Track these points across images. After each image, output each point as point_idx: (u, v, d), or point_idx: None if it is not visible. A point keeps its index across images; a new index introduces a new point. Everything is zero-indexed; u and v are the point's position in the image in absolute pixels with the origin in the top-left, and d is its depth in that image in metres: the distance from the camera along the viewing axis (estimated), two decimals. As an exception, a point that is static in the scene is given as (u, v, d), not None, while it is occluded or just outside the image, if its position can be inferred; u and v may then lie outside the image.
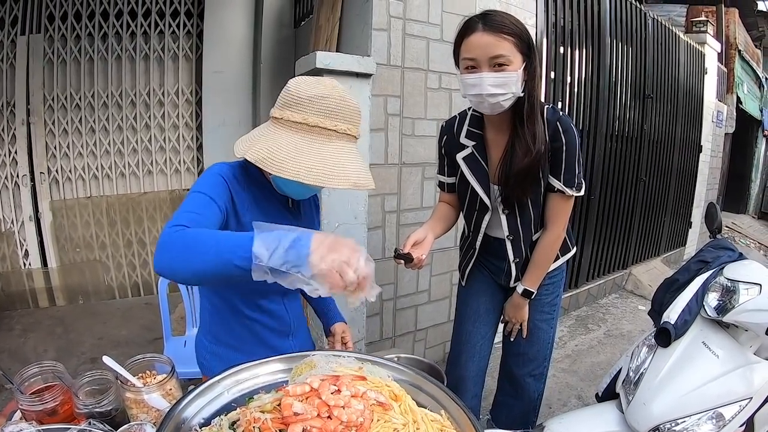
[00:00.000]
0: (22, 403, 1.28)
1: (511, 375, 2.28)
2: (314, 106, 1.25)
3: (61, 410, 1.30)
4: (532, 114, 1.74)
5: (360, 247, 1.02)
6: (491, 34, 1.60)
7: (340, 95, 1.27)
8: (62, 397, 1.31)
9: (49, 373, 1.37)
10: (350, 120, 1.29)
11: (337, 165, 1.23)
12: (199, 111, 4.96)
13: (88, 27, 4.47)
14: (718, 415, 1.78)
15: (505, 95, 1.66)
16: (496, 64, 1.62)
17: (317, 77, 1.32)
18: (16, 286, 4.65)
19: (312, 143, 1.24)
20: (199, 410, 1.07)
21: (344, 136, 1.28)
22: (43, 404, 1.27)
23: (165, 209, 5.00)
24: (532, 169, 1.78)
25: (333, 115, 1.25)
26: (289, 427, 0.90)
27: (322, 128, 1.25)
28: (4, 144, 4.44)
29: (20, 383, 1.32)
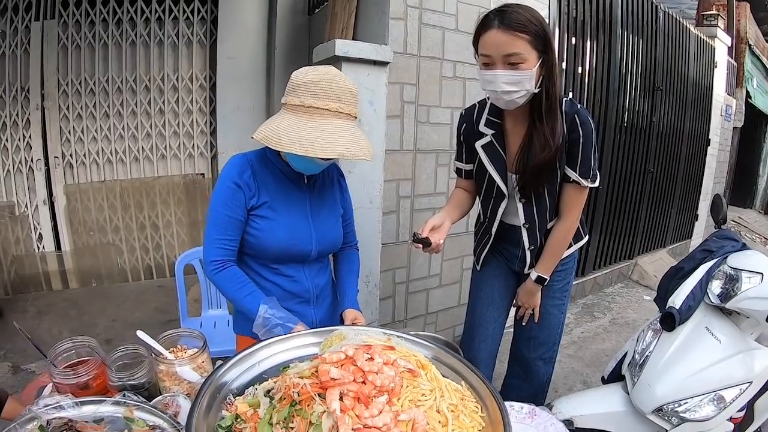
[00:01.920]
0: (56, 377, 1.31)
1: (521, 358, 2.32)
2: (309, 89, 1.46)
3: (94, 384, 1.34)
4: (550, 110, 1.76)
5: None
6: (506, 32, 1.61)
7: (332, 79, 1.47)
8: (95, 371, 1.35)
9: (83, 347, 1.42)
10: (341, 99, 1.47)
11: (328, 138, 1.42)
12: (213, 96, 4.99)
13: (102, 12, 4.50)
14: (719, 397, 1.85)
15: (518, 92, 1.68)
16: (511, 62, 1.64)
17: (315, 66, 1.53)
18: (30, 269, 4.71)
19: (308, 122, 1.44)
20: (235, 378, 1.15)
21: (338, 114, 1.47)
22: (77, 378, 1.31)
23: (178, 193, 5.05)
24: (550, 162, 1.81)
25: (325, 96, 1.45)
26: (327, 391, 0.96)
27: (316, 108, 1.45)
28: (19, 129, 4.48)
29: (54, 357, 1.36)
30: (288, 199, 1.66)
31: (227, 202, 1.57)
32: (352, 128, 1.50)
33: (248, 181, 1.58)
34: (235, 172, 1.58)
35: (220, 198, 1.58)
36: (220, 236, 1.58)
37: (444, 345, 1.32)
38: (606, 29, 4.66)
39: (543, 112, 1.76)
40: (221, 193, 1.58)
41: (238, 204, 1.57)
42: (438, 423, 0.99)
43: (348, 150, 1.43)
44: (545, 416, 1.34)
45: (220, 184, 1.59)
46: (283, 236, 1.62)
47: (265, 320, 1.45)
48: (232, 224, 1.58)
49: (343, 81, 1.49)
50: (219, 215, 1.58)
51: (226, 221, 1.58)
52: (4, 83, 4.35)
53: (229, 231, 1.59)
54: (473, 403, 1.11)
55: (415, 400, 1.01)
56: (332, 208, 1.81)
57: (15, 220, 4.61)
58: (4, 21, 4.28)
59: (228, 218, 1.57)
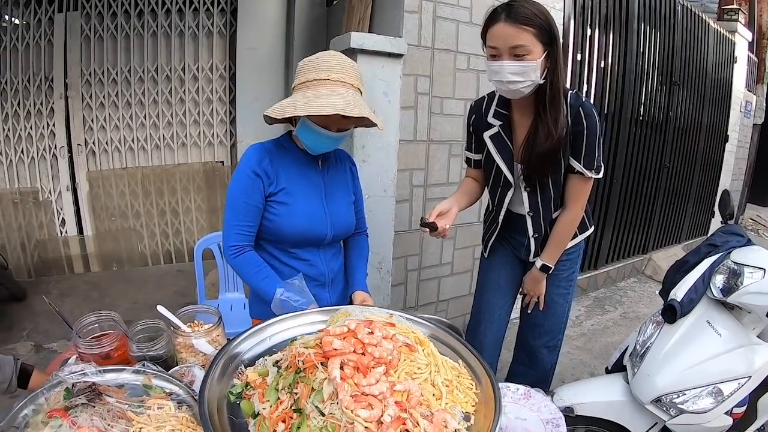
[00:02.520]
0: (81, 347, 1.41)
1: (527, 345, 2.38)
2: (310, 66, 1.58)
3: (116, 354, 1.44)
4: (554, 101, 1.81)
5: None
6: (512, 25, 1.68)
7: (331, 55, 1.60)
8: (117, 342, 1.45)
9: (106, 321, 1.52)
10: (341, 70, 1.57)
11: (328, 99, 1.50)
12: (232, 86, 5.07)
13: (123, 4, 4.59)
14: (718, 390, 1.87)
15: (524, 83, 1.74)
16: (516, 54, 1.71)
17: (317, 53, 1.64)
18: (53, 253, 4.85)
19: (312, 91, 1.54)
20: (247, 350, 1.25)
21: (340, 83, 1.55)
22: (100, 348, 1.41)
23: (198, 180, 5.16)
24: (553, 152, 1.86)
25: (324, 68, 1.56)
26: (329, 360, 1.04)
27: (317, 79, 1.55)
28: (43, 117, 4.60)
29: (79, 330, 1.47)
30: (304, 185, 1.74)
31: (246, 189, 1.65)
32: (355, 95, 1.58)
33: (266, 169, 1.66)
34: (254, 161, 1.66)
35: (238, 186, 1.66)
36: (239, 222, 1.66)
37: (447, 327, 1.39)
38: (622, 22, 4.66)
39: (547, 102, 1.82)
40: (240, 181, 1.66)
41: (257, 191, 1.65)
42: (432, 396, 1.06)
43: (348, 108, 1.49)
44: (540, 398, 1.40)
45: (238, 172, 1.67)
46: (300, 221, 1.70)
47: (281, 302, 1.53)
48: (251, 211, 1.66)
49: (342, 57, 1.60)
50: (238, 202, 1.65)
51: (245, 208, 1.66)
52: (29, 73, 4.47)
53: (248, 217, 1.67)
54: (469, 380, 1.18)
55: (411, 373, 1.08)
56: (345, 194, 1.89)
57: (39, 206, 4.74)
58: (28, 13, 4.40)
59: (246, 205, 1.65)
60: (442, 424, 0.99)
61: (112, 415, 0.97)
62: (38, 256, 4.81)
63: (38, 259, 4.81)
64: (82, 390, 1.02)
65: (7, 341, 3.64)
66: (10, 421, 1.02)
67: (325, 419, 0.95)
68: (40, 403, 1.05)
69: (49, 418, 0.98)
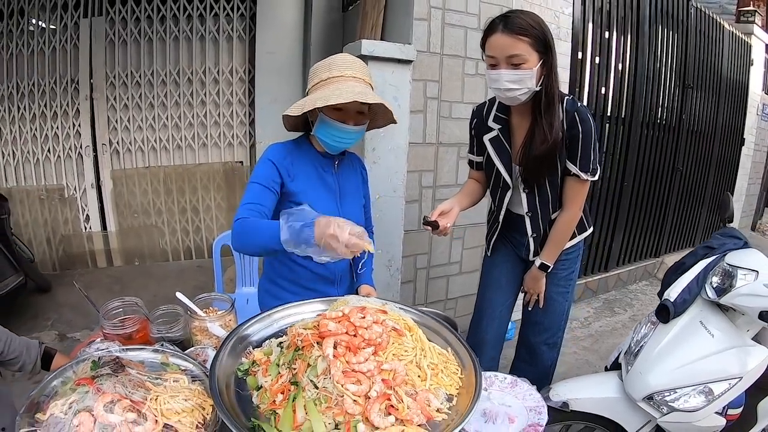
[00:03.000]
0: (106, 328, 1.57)
1: (527, 342, 2.47)
2: (323, 67, 1.70)
3: (137, 336, 1.59)
4: (549, 106, 1.91)
5: (344, 222, 1.33)
6: (508, 35, 1.79)
7: (343, 56, 1.72)
8: (139, 325, 1.60)
9: (129, 306, 1.67)
10: (354, 68, 1.69)
11: (346, 89, 1.62)
12: (251, 89, 5.25)
13: (146, 10, 4.79)
14: (708, 390, 1.90)
15: (520, 90, 1.85)
16: (513, 63, 1.81)
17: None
18: (77, 248, 5.07)
19: (328, 86, 1.65)
20: (256, 333, 1.39)
21: (354, 78, 1.68)
22: (123, 329, 1.57)
23: (218, 180, 5.34)
24: (549, 154, 1.96)
25: (337, 67, 1.68)
26: (323, 340, 1.17)
27: (332, 77, 1.67)
28: (69, 118, 4.82)
29: (105, 312, 1.62)
30: (321, 189, 1.85)
31: (264, 175, 1.73)
32: (368, 89, 1.71)
33: (288, 166, 1.76)
34: (277, 155, 1.77)
35: (258, 173, 1.74)
36: (251, 201, 1.68)
37: (443, 319, 1.50)
38: (634, 24, 4.71)
39: (543, 108, 1.91)
40: (260, 168, 1.75)
41: (273, 179, 1.73)
42: (417, 377, 1.18)
43: (366, 97, 1.62)
44: (525, 387, 1.49)
45: (260, 162, 1.77)
46: None
47: (290, 231, 1.36)
48: (264, 193, 1.71)
49: (350, 56, 1.72)
50: (254, 187, 1.71)
51: (260, 190, 1.71)
52: (55, 75, 4.70)
53: (261, 198, 1.70)
54: (455, 366, 1.29)
55: (398, 355, 1.20)
56: (357, 196, 2.02)
57: (64, 202, 4.96)
58: (54, 18, 4.62)
59: (261, 188, 1.71)
60: (425, 402, 1.11)
61: (133, 384, 1.11)
62: (63, 251, 5.03)
63: (63, 253, 5.04)
64: (107, 362, 1.16)
65: (33, 330, 3.83)
66: (40, 391, 1.16)
67: (319, 392, 1.08)
68: (69, 376, 1.19)
69: (77, 386, 1.12)
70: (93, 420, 1.03)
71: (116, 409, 1.05)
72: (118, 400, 1.07)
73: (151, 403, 1.08)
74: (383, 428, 1.03)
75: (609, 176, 4.92)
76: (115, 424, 1.03)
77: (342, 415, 1.04)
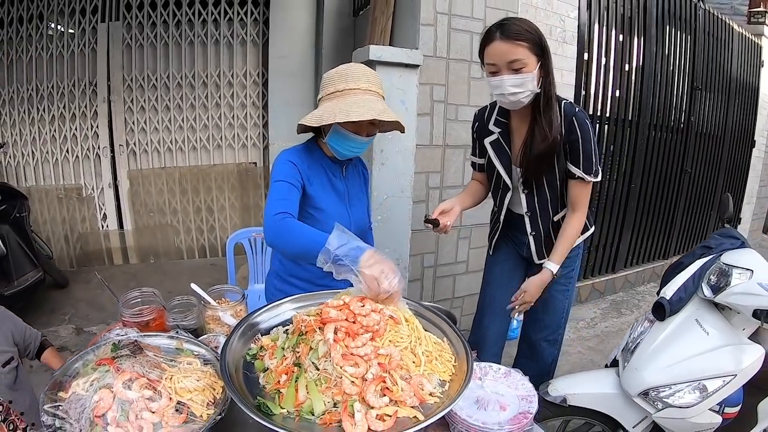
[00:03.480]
0: (125, 315, 1.70)
1: (528, 339, 2.53)
2: (338, 78, 1.75)
3: (154, 324, 1.72)
4: (548, 106, 1.97)
5: (397, 268, 1.38)
6: (507, 41, 1.85)
7: (357, 67, 1.78)
8: (156, 314, 1.73)
9: (147, 295, 1.80)
10: (367, 80, 1.76)
11: (363, 107, 1.68)
12: (265, 91, 5.37)
13: (162, 15, 4.93)
14: (702, 386, 1.94)
15: (523, 93, 1.91)
16: (514, 67, 1.88)
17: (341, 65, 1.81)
18: (94, 245, 5.23)
19: (344, 99, 1.71)
20: (264, 321, 1.49)
21: (368, 92, 1.74)
22: (141, 317, 1.69)
23: (232, 180, 5.47)
24: (549, 153, 2.02)
25: (353, 79, 1.74)
26: (325, 326, 1.27)
27: (348, 89, 1.72)
28: (87, 119, 4.98)
29: (124, 302, 1.74)
30: (332, 191, 1.94)
31: (288, 173, 1.78)
32: (383, 103, 1.79)
33: (304, 169, 1.84)
34: (294, 157, 1.84)
35: (282, 172, 1.78)
36: (282, 197, 1.70)
37: (444, 314, 1.58)
38: (641, 26, 4.76)
39: (542, 108, 1.98)
40: (282, 167, 1.80)
41: (296, 176, 1.80)
42: (412, 363, 1.26)
43: (382, 114, 1.70)
44: (518, 377, 1.56)
45: (279, 162, 1.82)
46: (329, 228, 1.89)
47: (339, 240, 1.41)
48: (292, 190, 1.76)
49: (364, 68, 1.79)
50: (281, 185, 1.74)
51: (287, 187, 1.74)
52: (74, 78, 4.86)
53: (290, 195, 1.74)
54: (449, 354, 1.37)
55: (394, 341, 1.28)
56: (362, 197, 2.11)
57: (82, 201, 5.13)
58: (73, 22, 4.78)
59: (289, 185, 1.75)
60: (419, 386, 1.20)
61: (150, 365, 1.21)
62: (80, 248, 5.20)
63: (80, 251, 5.20)
64: (126, 345, 1.26)
65: (50, 324, 3.97)
66: (63, 371, 1.27)
67: (320, 373, 1.18)
68: (90, 359, 1.30)
69: (98, 366, 1.22)
70: (112, 396, 1.14)
71: (134, 387, 1.16)
72: (136, 379, 1.17)
73: (166, 381, 1.19)
74: (378, 408, 1.12)
75: (616, 178, 4.98)
76: (133, 399, 1.13)
77: (340, 394, 1.14)
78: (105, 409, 1.12)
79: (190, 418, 1.16)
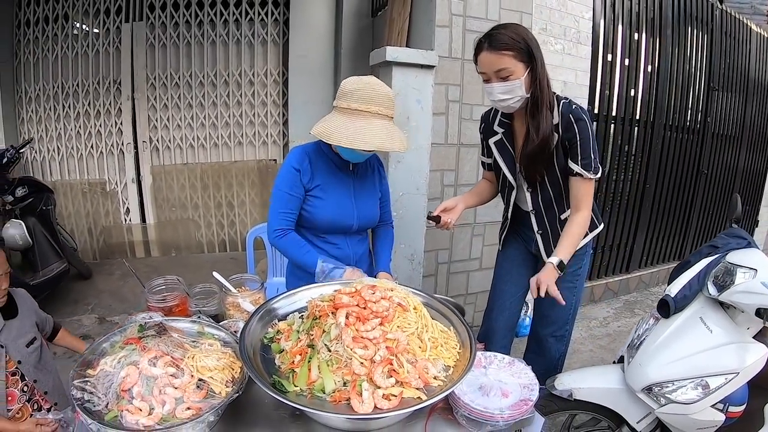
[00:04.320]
0: (151, 300, 1.81)
1: (536, 335, 2.58)
2: (354, 96, 1.83)
3: (177, 310, 1.83)
4: (534, 110, 2.03)
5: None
6: (493, 52, 1.93)
7: (372, 87, 1.84)
8: (179, 300, 1.83)
9: (171, 282, 1.92)
10: (380, 103, 1.83)
11: (368, 134, 1.78)
12: (285, 90, 5.46)
13: (185, 15, 5.06)
14: (705, 383, 1.96)
15: (512, 99, 1.99)
16: (501, 76, 1.95)
17: (360, 76, 1.90)
18: (117, 239, 5.38)
19: (354, 121, 1.81)
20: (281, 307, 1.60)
21: (377, 115, 1.83)
22: (165, 303, 1.80)
23: (252, 176, 5.59)
24: (540, 153, 2.08)
25: (367, 101, 1.81)
26: (337, 311, 1.36)
27: (360, 110, 1.81)
28: (111, 116, 5.13)
29: (150, 288, 1.86)
30: (337, 184, 2.05)
31: (288, 182, 1.97)
32: (389, 126, 1.86)
33: (306, 168, 1.98)
34: (296, 161, 1.99)
35: (283, 180, 1.98)
36: (282, 210, 1.98)
37: (452, 305, 1.66)
38: (657, 27, 4.77)
39: (528, 112, 2.05)
40: (284, 176, 1.99)
41: (297, 184, 1.97)
42: (418, 347, 1.35)
43: (384, 144, 1.80)
44: (522, 366, 1.60)
45: (283, 169, 2.00)
46: (331, 212, 2.02)
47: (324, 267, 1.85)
48: (292, 200, 1.98)
49: (381, 88, 1.86)
50: (282, 194, 1.97)
51: (287, 198, 1.97)
52: (98, 77, 5.02)
53: (290, 206, 1.98)
54: (454, 342, 1.46)
55: (402, 327, 1.37)
56: (371, 191, 2.19)
57: (106, 195, 5.28)
58: (98, 22, 4.94)
59: (289, 196, 1.97)
60: (424, 370, 1.29)
61: (173, 344, 1.31)
62: (104, 241, 5.36)
63: (103, 244, 5.36)
64: (151, 326, 1.36)
65: (74, 313, 4.13)
66: (91, 351, 1.37)
67: (331, 354, 1.28)
68: (116, 340, 1.40)
69: (125, 345, 1.32)
70: (138, 372, 1.23)
71: (159, 364, 1.26)
72: (161, 357, 1.27)
73: (188, 360, 1.28)
74: (384, 388, 1.21)
75: (631, 178, 5.00)
76: (157, 376, 1.23)
77: (350, 374, 1.24)
78: (131, 384, 1.21)
79: (210, 394, 1.24)
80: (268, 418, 1.32)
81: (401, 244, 3.22)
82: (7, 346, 1.81)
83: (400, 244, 3.19)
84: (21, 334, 1.88)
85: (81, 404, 1.17)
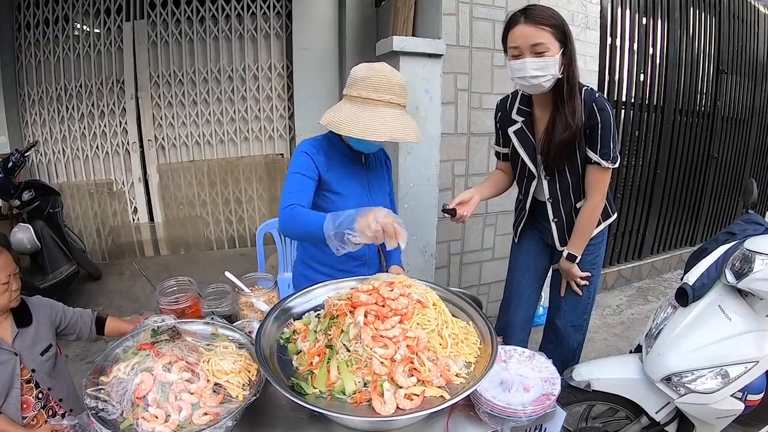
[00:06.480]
0: (162, 303, 1.78)
1: (553, 325, 2.54)
2: (365, 84, 1.76)
3: (189, 311, 1.80)
4: (571, 93, 1.99)
5: (382, 209, 1.46)
6: (531, 25, 1.88)
7: (384, 75, 1.77)
8: (191, 302, 1.79)
9: (183, 283, 1.89)
10: (392, 92, 1.77)
11: (380, 124, 1.72)
12: (290, 84, 5.43)
13: (186, 11, 5.02)
14: (725, 372, 1.93)
15: (545, 77, 1.93)
16: (537, 51, 1.90)
17: (371, 63, 1.82)
18: (126, 238, 5.37)
19: (364, 111, 1.75)
20: (296, 306, 1.57)
21: (389, 104, 1.76)
22: (177, 304, 1.77)
23: (259, 172, 5.56)
24: (571, 141, 2.04)
25: (379, 89, 1.75)
26: (356, 309, 1.33)
27: (371, 99, 1.75)
28: (116, 116, 5.12)
29: (161, 290, 1.82)
30: (351, 177, 1.99)
31: (301, 166, 1.86)
32: (401, 115, 1.80)
33: (321, 160, 1.90)
34: (311, 149, 1.90)
35: (295, 165, 1.87)
36: (295, 189, 1.80)
37: (470, 298, 1.62)
38: (665, 10, 4.71)
39: (565, 95, 2.00)
40: (296, 161, 1.89)
41: (311, 167, 1.86)
42: (439, 345, 1.31)
43: (396, 134, 1.74)
44: (542, 360, 1.58)
45: (296, 155, 1.91)
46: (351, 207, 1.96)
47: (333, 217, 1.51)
48: (305, 181, 1.84)
49: (393, 76, 1.80)
50: (294, 177, 1.84)
51: (300, 179, 1.83)
52: (101, 77, 5.00)
53: (303, 186, 1.82)
54: (475, 338, 1.42)
55: (421, 324, 1.33)
56: (383, 185, 2.16)
57: (113, 196, 5.27)
58: (98, 22, 4.91)
59: (302, 177, 1.83)
60: (445, 367, 1.25)
61: (188, 349, 1.28)
62: (112, 241, 5.35)
63: (112, 244, 5.36)
64: (165, 330, 1.33)
65: (85, 315, 4.10)
66: (104, 357, 1.34)
67: (350, 354, 1.25)
68: (129, 345, 1.38)
69: (138, 351, 1.29)
70: (153, 378, 1.21)
71: (173, 369, 1.23)
72: (175, 362, 1.24)
73: (203, 364, 1.25)
74: (406, 387, 1.18)
75: (642, 164, 4.94)
76: (173, 381, 1.20)
77: (370, 375, 1.20)
78: (146, 391, 1.18)
79: (226, 398, 1.21)
80: (286, 420, 1.30)
81: (413, 236, 3.19)
82: (21, 354, 1.79)
83: (412, 236, 3.14)
84: (35, 342, 1.85)
85: (95, 413, 1.15)
